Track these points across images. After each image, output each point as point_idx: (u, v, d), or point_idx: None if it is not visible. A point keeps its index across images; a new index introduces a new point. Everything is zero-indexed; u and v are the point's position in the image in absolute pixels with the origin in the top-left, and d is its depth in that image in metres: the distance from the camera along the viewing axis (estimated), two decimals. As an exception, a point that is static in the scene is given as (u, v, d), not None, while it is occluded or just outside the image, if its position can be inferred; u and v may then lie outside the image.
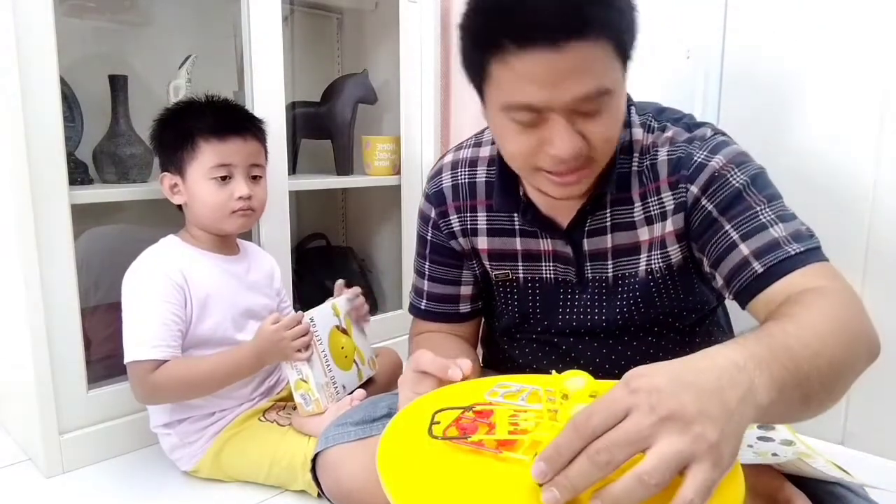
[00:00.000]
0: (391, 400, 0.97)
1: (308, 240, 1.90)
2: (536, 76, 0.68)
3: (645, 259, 0.87)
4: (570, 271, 0.90)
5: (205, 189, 1.11)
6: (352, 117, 1.71)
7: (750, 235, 0.75)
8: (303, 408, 1.12)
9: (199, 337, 1.11)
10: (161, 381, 1.04)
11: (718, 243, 0.78)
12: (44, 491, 1.12)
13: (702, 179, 0.79)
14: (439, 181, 0.97)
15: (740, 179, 0.78)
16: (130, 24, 1.48)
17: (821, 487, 0.72)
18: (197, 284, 1.11)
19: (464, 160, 0.96)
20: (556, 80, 0.68)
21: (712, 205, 0.79)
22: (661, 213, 0.84)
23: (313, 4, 1.89)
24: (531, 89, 0.69)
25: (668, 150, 0.83)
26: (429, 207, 0.98)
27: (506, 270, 0.94)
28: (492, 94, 0.73)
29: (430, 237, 0.98)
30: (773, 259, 0.73)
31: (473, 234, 0.94)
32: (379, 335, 1.67)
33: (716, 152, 0.80)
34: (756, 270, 0.74)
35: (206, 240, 1.17)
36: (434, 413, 0.64)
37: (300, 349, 1.10)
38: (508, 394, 0.71)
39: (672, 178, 0.83)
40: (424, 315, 1.01)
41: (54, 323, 1.12)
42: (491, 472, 0.56)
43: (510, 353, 1.00)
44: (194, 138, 1.11)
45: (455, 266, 0.98)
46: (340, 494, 0.87)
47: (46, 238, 1.09)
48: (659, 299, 0.89)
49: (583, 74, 0.68)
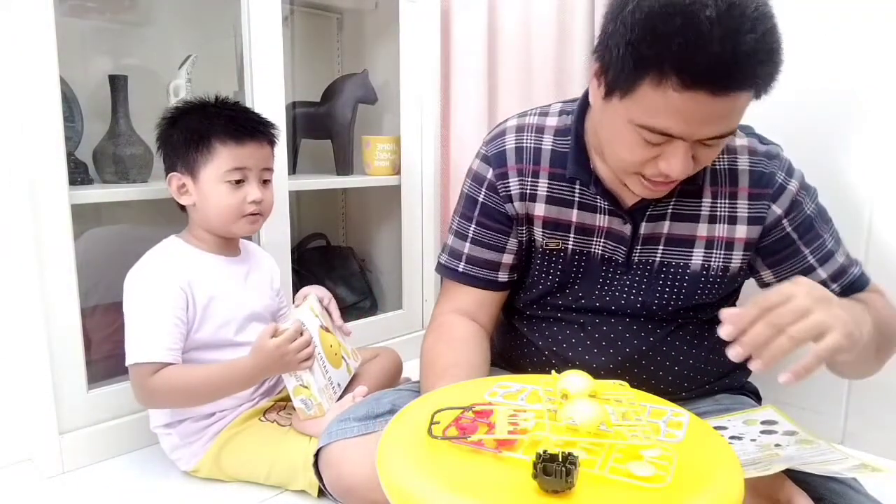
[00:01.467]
0: (394, 396, 0.97)
1: (308, 240, 1.89)
2: (688, 114, 0.71)
3: (702, 254, 0.90)
4: (619, 251, 0.92)
5: (218, 192, 1.11)
6: (352, 117, 1.71)
7: (824, 261, 0.91)
8: (304, 412, 1.12)
9: (200, 339, 1.11)
10: (158, 387, 1.04)
11: (796, 265, 0.91)
12: (44, 491, 1.12)
13: (784, 202, 0.89)
14: (502, 142, 0.97)
15: (811, 208, 0.90)
16: (130, 24, 1.48)
17: (822, 484, 0.72)
18: (200, 287, 1.11)
19: (530, 126, 0.96)
20: (706, 121, 0.72)
21: (791, 227, 0.90)
22: (731, 216, 0.89)
23: (313, 4, 1.89)
24: (677, 122, 0.72)
25: (750, 161, 0.89)
26: (486, 168, 0.97)
27: (557, 240, 0.95)
28: (629, 106, 0.74)
29: (482, 198, 0.98)
30: (846, 282, 0.92)
31: (532, 199, 0.95)
32: (379, 335, 1.67)
33: (791, 175, 0.90)
34: (835, 291, 0.89)
35: (210, 241, 1.17)
36: (434, 413, 0.64)
37: (304, 359, 1.10)
38: (508, 394, 0.72)
39: (754, 190, 0.89)
40: (461, 278, 1.00)
41: (54, 323, 1.12)
42: (490, 472, 0.56)
43: (529, 337, 1.00)
44: (209, 140, 1.09)
45: (503, 231, 0.97)
46: (342, 490, 0.88)
47: (46, 238, 1.09)
48: (700, 294, 0.92)
49: (729, 119, 0.73)
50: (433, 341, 0.98)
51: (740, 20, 0.66)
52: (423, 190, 1.76)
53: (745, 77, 0.69)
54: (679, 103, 0.70)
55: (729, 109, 0.71)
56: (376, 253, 1.98)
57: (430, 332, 1.00)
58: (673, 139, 0.74)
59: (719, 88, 0.68)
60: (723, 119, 0.72)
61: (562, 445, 0.58)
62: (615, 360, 0.93)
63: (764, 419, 0.79)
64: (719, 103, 0.69)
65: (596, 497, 0.53)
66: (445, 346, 0.96)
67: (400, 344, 1.64)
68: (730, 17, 0.66)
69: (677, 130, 0.73)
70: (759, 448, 0.71)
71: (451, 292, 1.02)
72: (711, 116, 0.71)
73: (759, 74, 0.69)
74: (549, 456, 0.53)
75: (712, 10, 0.66)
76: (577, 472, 0.52)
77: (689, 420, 0.67)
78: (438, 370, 0.92)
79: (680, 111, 0.70)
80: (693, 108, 0.70)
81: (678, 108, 0.70)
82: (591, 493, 0.53)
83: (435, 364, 0.94)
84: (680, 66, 0.68)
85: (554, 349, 0.96)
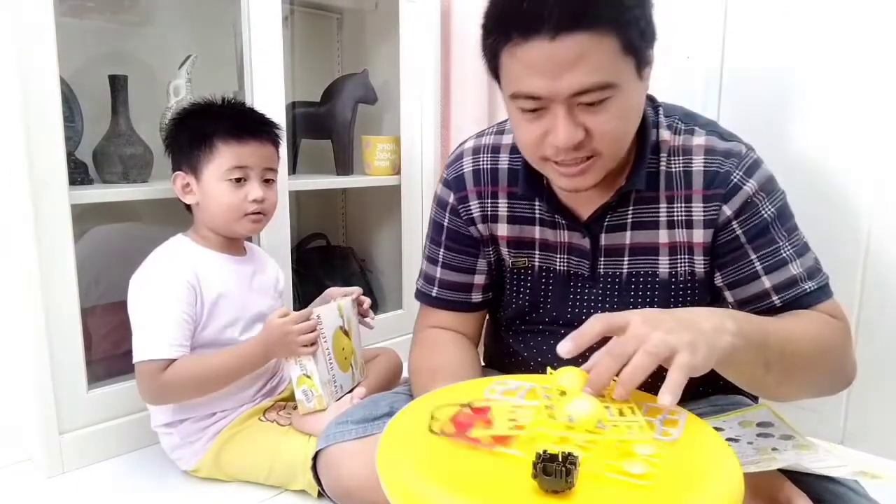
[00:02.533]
0: (392, 398, 0.97)
1: (308, 240, 1.89)
2: (537, 66, 0.71)
3: (668, 262, 0.88)
4: (583, 264, 0.91)
5: (219, 190, 1.12)
6: (352, 117, 1.71)
7: (772, 269, 0.83)
8: (304, 404, 1.12)
9: (205, 338, 1.11)
10: (171, 380, 1.04)
11: (741, 269, 0.85)
12: (44, 491, 1.12)
13: (736, 203, 0.83)
14: (459, 166, 0.96)
15: (769, 211, 0.83)
16: (130, 24, 1.48)
17: (821, 486, 0.72)
18: (208, 284, 1.11)
19: (486, 146, 0.95)
20: (556, 70, 0.71)
21: (741, 230, 0.84)
22: (687, 220, 0.86)
23: (313, 4, 1.89)
24: (533, 79, 0.72)
25: (705, 161, 0.85)
26: (447, 193, 0.97)
27: (523, 258, 0.94)
28: (503, 83, 0.77)
29: (446, 223, 0.97)
30: (791, 295, 0.83)
31: (494, 220, 0.94)
32: (379, 335, 1.67)
33: (750, 174, 0.83)
34: (775, 304, 0.83)
35: (215, 240, 1.17)
36: (433, 410, 0.65)
37: (306, 344, 1.10)
38: (507, 391, 0.72)
39: (707, 192, 0.85)
40: (435, 303, 1.00)
41: (54, 323, 1.12)
42: (491, 473, 0.56)
43: (515, 348, 1.00)
44: (212, 139, 1.11)
45: (471, 254, 0.97)
46: (341, 492, 0.87)
47: (46, 238, 1.09)
48: (674, 303, 0.90)
49: (582, 67, 0.70)
50: (419, 353, 0.98)
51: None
52: (423, 190, 1.76)
53: (577, 15, 0.68)
54: (526, 58, 0.71)
55: (577, 55, 0.69)
56: (376, 253, 1.98)
57: (415, 347, 1.00)
58: (548, 107, 0.73)
59: (553, 32, 0.69)
60: (575, 67, 0.70)
61: (556, 441, 0.58)
62: None
63: (760, 420, 0.78)
64: (561, 49, 0.69)
65: (596, 497, 0.53)
66: (431, 352, 0.96)
67: (400, 344, 1.64)
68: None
69: (538, 88, 0.72)
70: (756, 451, 0.71)
71: (429, 314, 1.02)
72: (560, 65, 0.70)
73: (593, 11, 0.69)
74: (549, 456, 0.53)
75: None
76: (577, 472, 0.52)
77: (687, 419, 0.67)
78: (430, 372, 0.91)
79: (530, 66, 0.71)
80: (538, 59, 0.70)
81: (528, 64, 0.72)
82: (591, 493, 0.53)
83: (424, 368, 0.94)
84: (516, 20, 0.71)
85: (539, 359, 0.96)
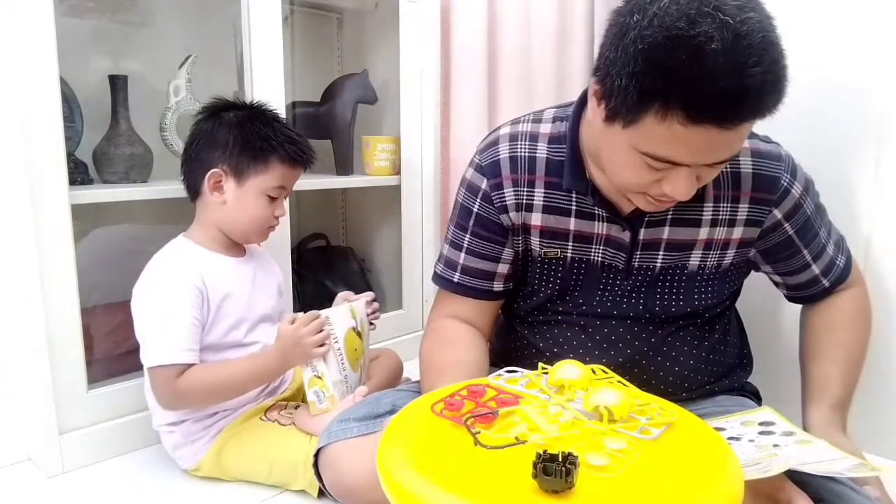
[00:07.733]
0: (394, 397, 0.98)
1: (308, 240, 1.89)
2: (694, 146, 0.70)
3: (699, 255, 0.90)
4: (619, 257, 0.92)
5: (255, 202, 1.14)
6: (352, 117, 1.71)
7: (818, 257, 0.94)
8: (315, 405, 1.12)
9: (210, 341, 1.11)
10: (186, 388, 1.04)
11: (794, 262, 0.94)
12: (44, 491, 1.12)
13: (786, 206, 0.89)
14: (495, 152, 0.95)
15: (811, 207, 0.92)
16: (130, 24, 1.48)
17: (821, 486, 0.72)
18: (214, 286, 1.11)
19: (524, 133, 0.94)
20: (711, 150, 0.71)
21: (793, 230, 0.91)
22: (731, 219, 0.89)
23: (313, 4, 1.89)
24: (682, 152, 0.71)
25: (754, 164, 0.88)
26: (480, 178, 0.96)
27: (555, 249, 0.94)
28: (632, 134, 0.73)
29: (476, 209, 0.96)
30: (834, 276, 0.96)
31: (528, 209, 0.94)
32: (378, 335, 1.67)
33: (795, 177, 0.89)
34: (824, 285, 0.96)
35: (220, 241, 1.17)
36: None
37: (317, 345, 1.11)
38: (511, 378, 0.74)
39: (755, 194, 0.88)
40: (456, 288, 1.00)
41: (54, 323, 1.12)
42: (491, 472, 0.56)
43: (529, 339, 1.00)
44: (269, 156, 1.13)
45: (498, 242, 0.97)
46: (342, 490, 0.88)
47: (46, 238, 1.09)
48: (698, 293, 0.92)
49: (735, 145, 0.72)
50: (431, 344, 0.98)
51: (747, 52, 0.64)
52: (423, 190, 1.76)
53: (753, 109, 0.68)
54: (685, 136, 0.68)
55: (735, 138, 0.71)
56: (376, 253, 1.98)
57: (428, 336, 1.00)
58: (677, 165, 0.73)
59: (727, 121, 0.67)
60: (729, 146, 0.72)
61: (533, 426, 0.61)
62: (615, 362, 0.93)
63: (762, 420, 0.79)
64: (726, 135, 0.69)
65: (596, 497, 0.53)
66: (444, 347, 0.96)
67: (400, 344, 1.64)
68: (736, 51, 0.64)
69: (682, 159, 0.72)
70: (757, 449, 0.71)
71: (447, 301, 1.02)
72: (718, 146, 0.71)
73: (767, 105, 0.68)
74: (549, 456, 0.53)
75: (718, 42, 0.63)
76: (576, 472, 0.53)
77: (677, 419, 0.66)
78: (439, 370, 0.92)
79: (685, 143, 0.69)
80: (699, 140, 0.69)
81: (684, 141, 0.69)
82: (592, 493, 0.53)
83: (435, 365, 0.94)
84: (686, 101, 0.66)
85: (555, 350, 0.96)
